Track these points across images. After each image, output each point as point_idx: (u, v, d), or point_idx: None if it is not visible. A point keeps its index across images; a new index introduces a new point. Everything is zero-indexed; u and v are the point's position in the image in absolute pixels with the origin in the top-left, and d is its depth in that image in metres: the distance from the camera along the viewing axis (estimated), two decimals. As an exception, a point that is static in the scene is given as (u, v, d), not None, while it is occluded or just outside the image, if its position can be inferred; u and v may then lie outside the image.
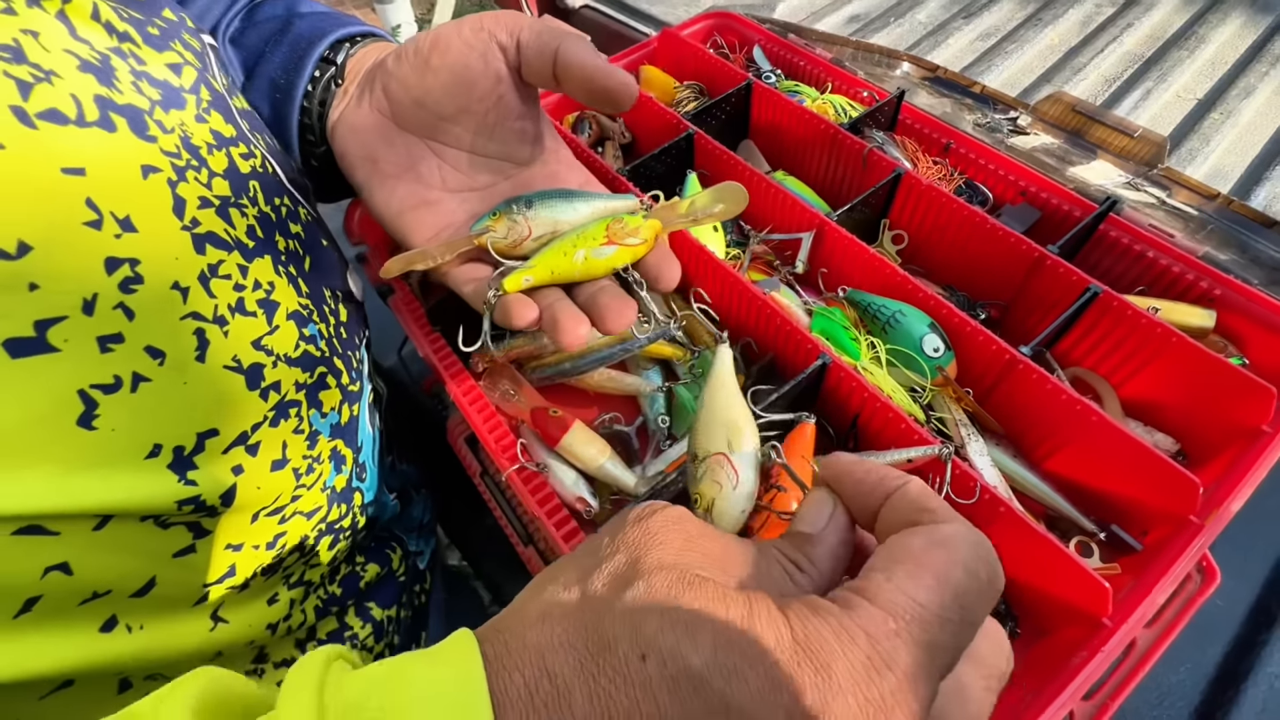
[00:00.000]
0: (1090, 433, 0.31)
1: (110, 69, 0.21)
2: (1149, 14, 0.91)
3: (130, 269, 0.20)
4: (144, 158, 0.21)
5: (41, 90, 0.18)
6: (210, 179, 0.23)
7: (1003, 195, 0.44)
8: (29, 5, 0.19)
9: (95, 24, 0.21)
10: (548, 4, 1.08)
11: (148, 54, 0.23)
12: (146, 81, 0.22)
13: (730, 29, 0.56)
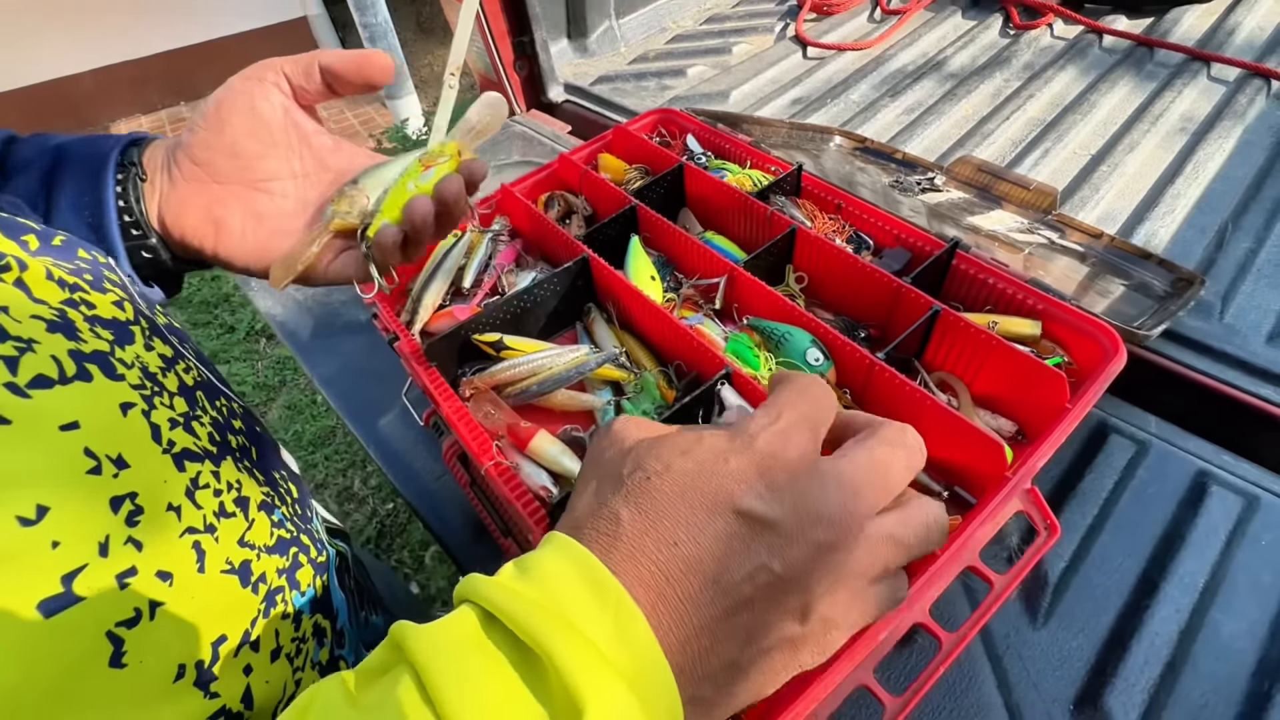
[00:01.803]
0: (931, 416, 0.41)
1: (70, 321, 0.23)
2: (1049, 85, 1.06)
3: (131, 503, 0.21)
4: (120, 397, 0.23)
5: (27, 360, 0.20)
6: (170, 399, 0.25)
7: (883, 241, 0.55)
8: None
9: (50, 283, 0.23)
10: (533, 98, 1.25)
11: (95, 298, 0.25)
12: (100, 325, 0.24)
13: (672, 122, 0.69)
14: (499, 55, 1.14)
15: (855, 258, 0.49)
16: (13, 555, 0.18)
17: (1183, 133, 0.94)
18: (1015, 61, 1.13)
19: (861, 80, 1.12)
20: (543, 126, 1.12)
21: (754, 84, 1.15)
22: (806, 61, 1.20)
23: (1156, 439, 0.62)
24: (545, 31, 1.17)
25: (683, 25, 1.38)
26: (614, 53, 1.31)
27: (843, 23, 1.28)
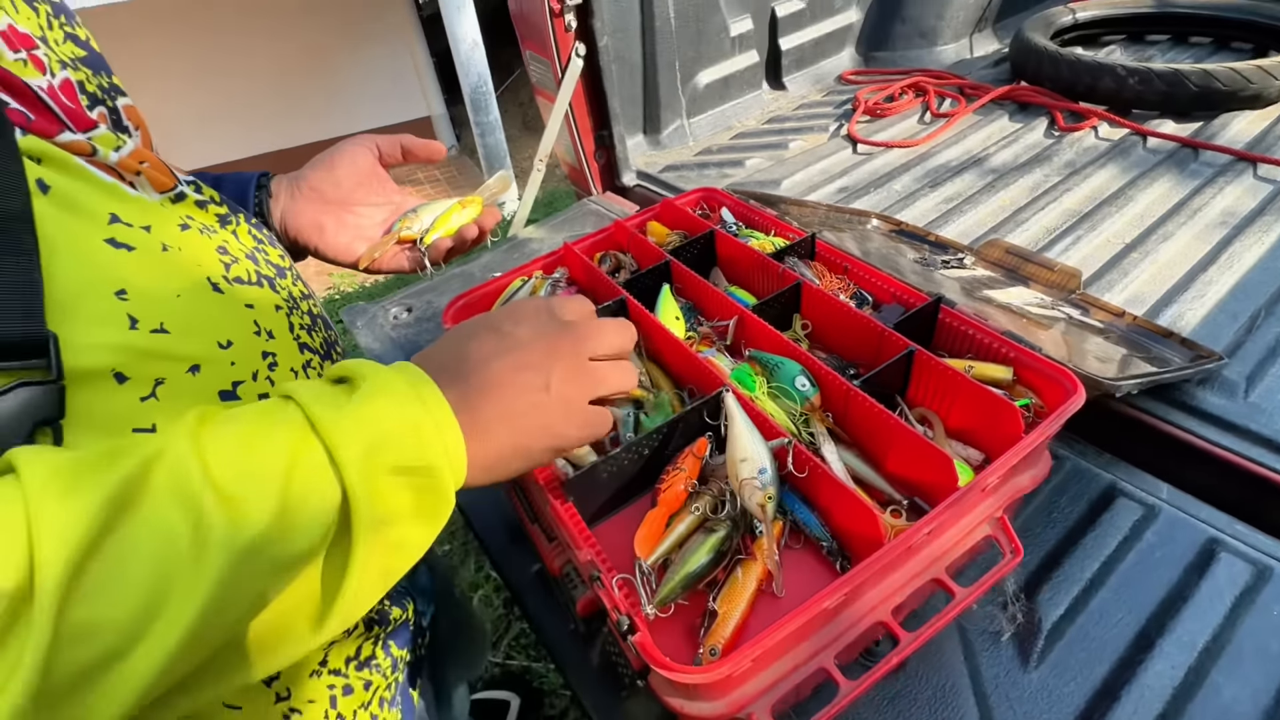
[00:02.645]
0: (900, 439, 0.47)
1: (255, 258, 0.39)
2: (1088, 181, 1.12)
3: (274, 359, 0.36)
4: (277, 300, 0.37)
5: (236, 267, 0.36)
6: (301, 315, 0.41)
7: (882, 298, 0.62)
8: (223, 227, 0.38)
9: (248, 236, 0.40)
10: (609, 182, 1.43)
11: (270, 251, 0.41)
12: (270, 265, 0.40)
13: (713, 198, 0.82)
14: (582, 146, 1.33)
15: (849, 308, 0.57)
16: None
17: (1222, 226, 0.96)
18: (1057, 159, 1.19)
19: (905, 173, 1.22)
20: (614, 206, 1.28)
21: (805, 174, 1.27)
22: (855, 156, 1.32)
23: (1167, 505, 0.63)
24: (623, 127, 1.36)
25: (746, 125, 1.55)
26: (683, 146, 1.48)
27: (893, 124, 1.40)
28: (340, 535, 0.28)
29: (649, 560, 0.43)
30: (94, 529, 0.22)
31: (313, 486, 0.27)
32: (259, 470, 0.26)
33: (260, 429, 0.27)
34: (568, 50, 1.23)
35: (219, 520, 0.24)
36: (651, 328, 0.59)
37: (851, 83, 1.65)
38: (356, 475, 0.27)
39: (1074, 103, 1.32)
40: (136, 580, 0.23)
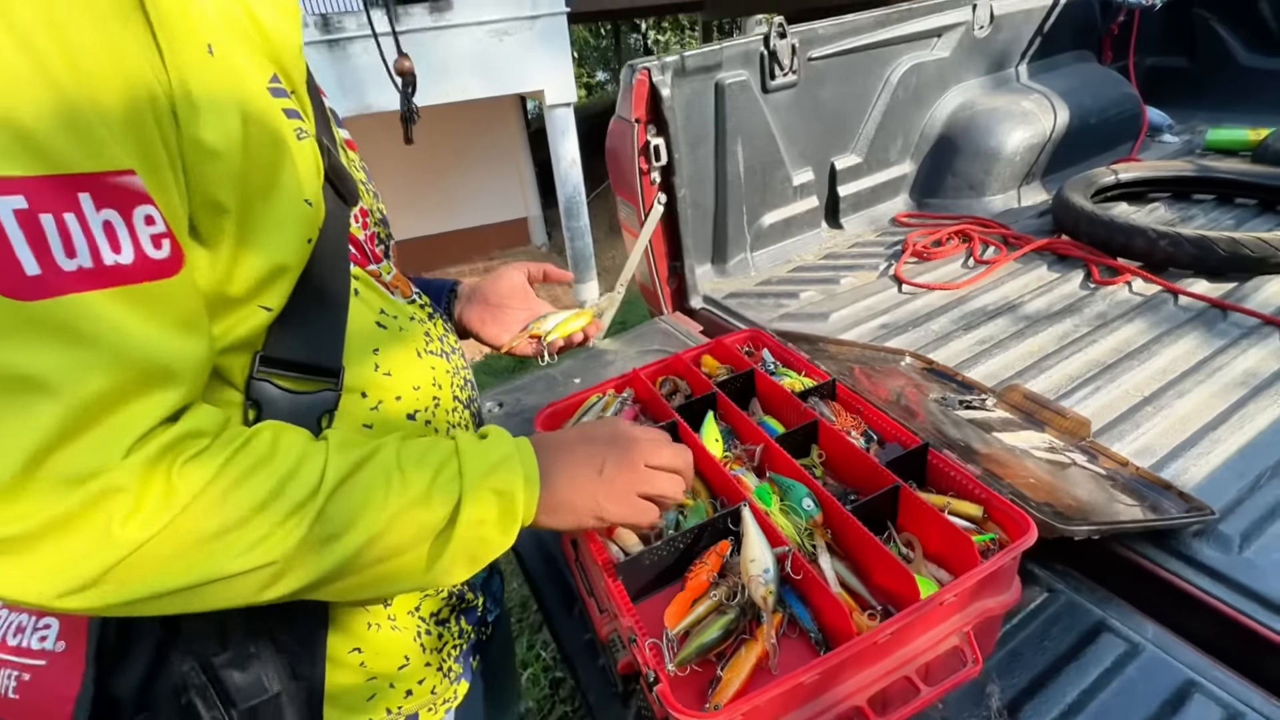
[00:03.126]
0: (881, 557, 0.60)
1: (443, 339, 0.62)
2: (1115, 333, 1.22)
3: (439, 401, 0.58)
4: (448, 367, 0.60)
5: (431, 344, 0.59)
6: (458, 378, 0.64)
7: (887, 437, 0.76)
8: None
9: (443, 325, 0.64)
10: (678, 304, 1.65)
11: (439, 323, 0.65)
12: (446, 343, 0.62)
13: (758, 339, 0.99)
14: (657, 273, 1.57)
15: (853, 445, 0.71)
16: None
17: (1241, 386, 1.04)
18: (1088, 310, 1.30)
19: (943, 314, 1.36)
20: (680, 326, 1.49)
21: (852, 309, 1.43)
22: (900, 295, 1.48)
23: (1151, 644, 0.71)
24: (694, 259, 1.59)
25: (804, 259, 1.75)
26: (745, 276, 1.69)
27: (937, 267, 1.56)
28: (449, 526, 0.45)
29: (674, 630, 0.57)
30: (345, 474, 0.42)
31: (447, 485, 0.45)
32: (424, 465, 0.45)
33: (432, 450, 0.47)
34: (651, 199, 1.49)
35: (397, 487, 0.44)
36: (695, 446, 0.75)
37: (904, 225, 1.83)
38: (469, 485, 0.46)
39: (1111, 258, 1.44)
40: (357, 503, 0.42)
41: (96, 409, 0.34)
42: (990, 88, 1.95)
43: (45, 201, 0.32)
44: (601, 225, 7.25)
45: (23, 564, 0.33)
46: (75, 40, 0.33)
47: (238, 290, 0.42)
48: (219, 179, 0.39)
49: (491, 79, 4.37)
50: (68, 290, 0.33)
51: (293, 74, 0.47)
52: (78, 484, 0.33)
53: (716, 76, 1.49)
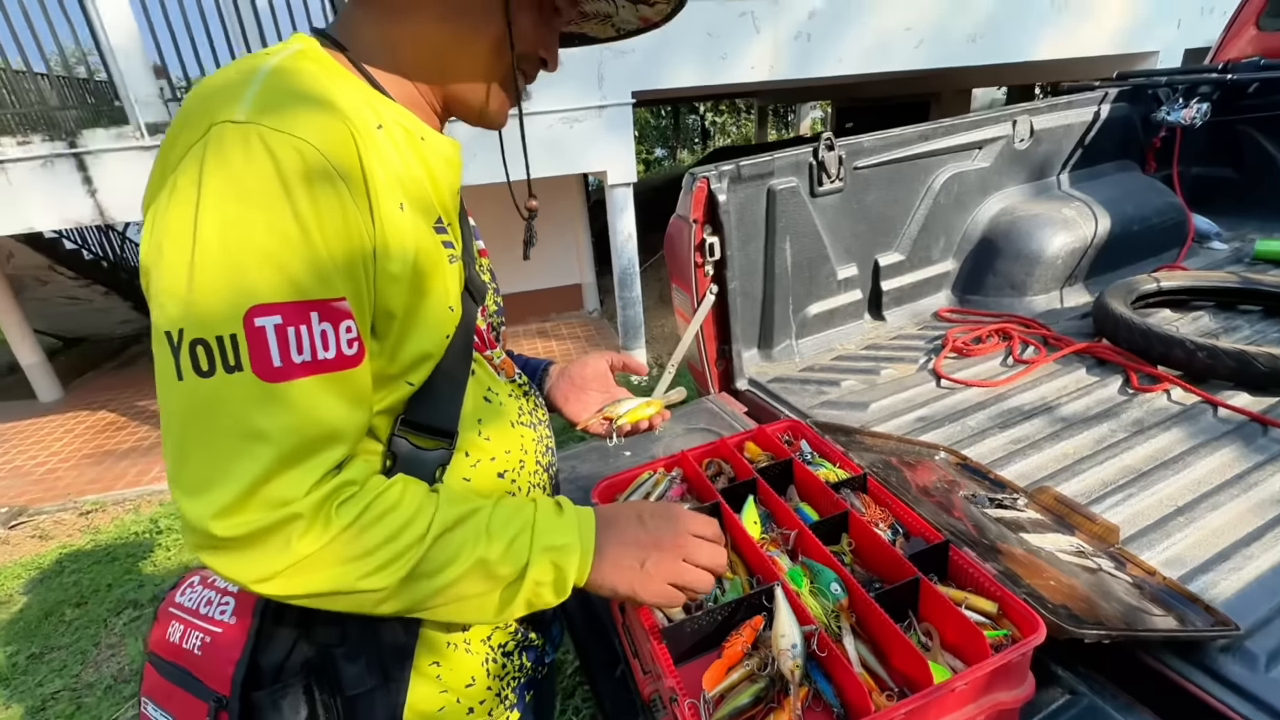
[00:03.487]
0: (900, 643, 0.66)
1: (534, 413, 0.75)
2: (1152, 441, 1.25)
3: (524, 465, 0.71)
4: (535, 437, 0.73)
5: (523, 416, 0.73)
6: (542, 445, 0.76)
7: (913, 531, 0.83)
8: None
9: (535, 401, 0.78)
10: (725, 384, 1.75)
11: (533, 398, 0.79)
12: (536, 416, 0.76)
13: (797, 429, 1.08)
14: (706, 355, 1.69)
15: (880, 537, 0.79)
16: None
17: (1277, 504, 1.05)
18: (1125, 416, 1.34)
19: (980, 411, 1.42)
20: (726, 406, 1.59)
21: (891, 400, 1.51)
22: (938, 390, 1.54)
23: (1169, 756, 0.73)
24: (741, 344, 1.70)
25: (847, 348, 1.84)
26: (790, 361, 1.79)
27: (977, 364, 1.63)
28: (516, 581, 0.57)
29: (711, 693, 0.65)
30: (446, 528, 0.54)
31: (519, 551, 0.57)
32: (505, 533, 0.57)
33: (516, 518, 0.58)
34: (704, 289, 1.63)
35: (482, 546, 0.55)
36: (735, 527, 0.84)
37: (945, 320, 1.91)
38: (535, 554, 0.57)
39: (1151, 366, 1.48)
40: (451, 553, 0.54)
41: (296, 456, 0.48)
42: (1031, 195, 2.05)
43: (291, 317, 0.48)
44: (652, 294, 7.49)
45: (237, 557, 0.48)
46: (326, 214, 0.49)
47: (394, 371, 0.57)
48: (395, 296, 0.54)
49: (560, 160, 4.73)
50: (294, 376, 0.48)
51: (451, 212, 0.63)
52: (278, 507, 0.47)
53: (769, 183, 1.65)
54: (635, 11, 0.69)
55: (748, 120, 24.09)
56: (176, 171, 0.48)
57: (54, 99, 5.80)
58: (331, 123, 0.49)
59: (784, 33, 5.02)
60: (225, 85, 0.50)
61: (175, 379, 0.47)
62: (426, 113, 0.63)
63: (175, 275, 0.46)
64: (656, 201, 8.65)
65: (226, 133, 0.47)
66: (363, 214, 0.51)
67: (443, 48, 0.60)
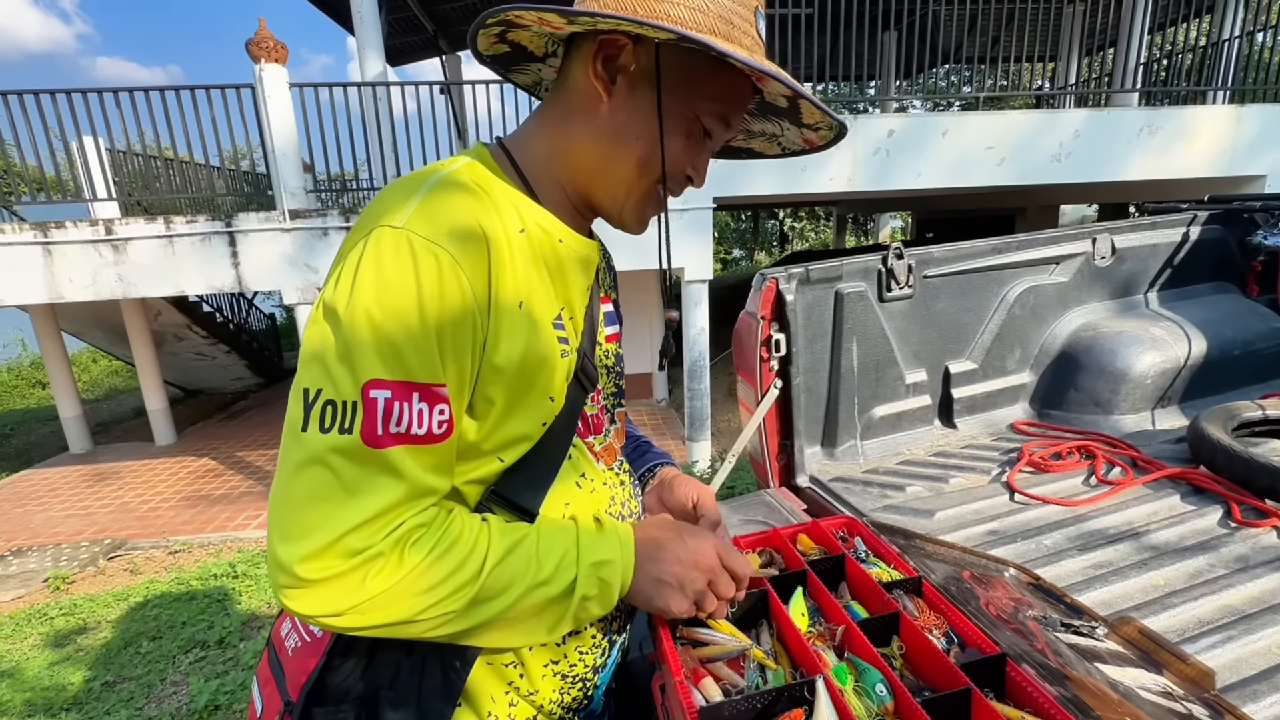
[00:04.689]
0: (946, 753, 0.64)
1: (626, 504, 0.78)
2: (1258, 581, 1.14)
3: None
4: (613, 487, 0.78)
5: (614, 507, 0.76)
6: (627, 499, 0.80)
7: (968, 641, 0.80)
8: None
9: (631, 491, 0.81)
10: (785, 479, 1.75)
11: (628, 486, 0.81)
12: (629, 507, 0.79)
13: (853, 527, 1.08)
14: (767, 448, 1.70)
15: (930, 642, 0.77)
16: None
17: None
18: (1226, 551, 1.23)
19: (1057, 530, 1.35)
20: (784, 501, 1.58)
21: (958, 510, 1.45)
22: (1011, 504, 1.48)
23: None
24: (804, 440, 1.71)
25: (914, 453, 1.80)
26: (853, 462, 1.77)
27: (1055, 480, 1.55)
28: (565, 595, 0.62)
29: (743, 781, 0.64)
30: (500, 557, 0.59)
31: (566, 569, 0.62)
32: (553, 553, 0.62)
33: (561, 537, 0.63)
34: (769, 382, 1.67)
35: (534, 567, 0.60)
36: (782, 618, 0.84)
37: (1022, 433, 1.85)
38: (583, 571, 0.63)
39: (1256, 498, 1.36)
40: (506, 580, 0.59)
41: (380, 510, 0.54)
42: (1116, 311, 2.00)
43: (398, 394, 0.55)
44: (720, 388, 7.53)
45: (309, 597, 0.54)
46: (447, 311, 0.56)
47: (487, 448, 0.63)
48: (497, 385, 0.61)
49: (642, 256, 5.03)
50: (390, 445, 0.55)
51: (575, 306, 0.70)
52: (356, 554, 0.53)
53: (837, 286, 1.72)
54: (800, 134, 0.76)
55: (826, 227, 24.64)
56: (344, 261, 0.57)
57: (220, 187, 6.84)
58: (471, 235, 0.58)
59: (862, 149, 5.26)
60: (397, 194, 0.59)
61: (300, 429, 0.54)
62: (572, 214, 0.70)
63: (325, 344, 0.55)
64: (731, 298, 8.85)
65: (384, 236, 0.56)
66: (481, 311, 0.58)
67: (595, 162, 0.67)
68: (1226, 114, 5.52)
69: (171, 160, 6.53)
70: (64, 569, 4.24)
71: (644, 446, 0.97)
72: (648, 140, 0.65)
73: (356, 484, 0.54)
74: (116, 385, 10.99)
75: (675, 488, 0.90)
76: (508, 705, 0.69)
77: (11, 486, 6.11)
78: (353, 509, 0.53)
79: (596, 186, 0.69)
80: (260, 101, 4.80)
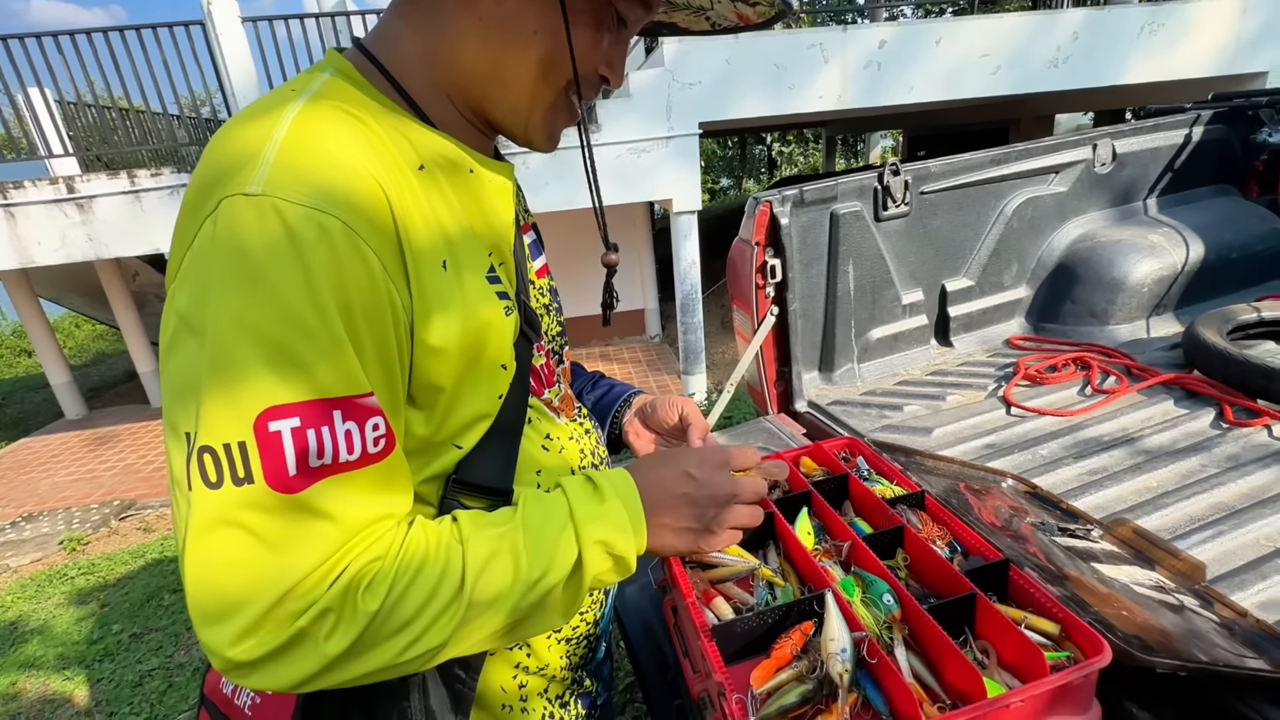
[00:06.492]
0: (953, 657, 0.66)
1: (595, 453, 0.71)
2: (1248, 478, 1.17)
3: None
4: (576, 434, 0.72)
5: (584, 459, 0.69)
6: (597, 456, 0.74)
7: (970, 550, 0.82)
8: None
9: (598, 437, 0.75)
10: (784, 406, 1.76)
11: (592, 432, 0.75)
12: (597, 455, 0.72)
13: (854, 447, 1.08)
14: (765, 376, 1.70)
15: (935, 552, 0.78)
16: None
17: (1396, 551, 0.96)
18: (1218, 451, 1.26)
19: (1053, 440, 1.37)
20: (784, 427, 1.59)
21: (955, 426, 1.47)
22: (1008, 417, 1.49)
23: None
24: (801, 365, 1.71)
25: (911, 373, 1.81)
26: (851, 385, 1.78)
27: (1051, 392, 1.56)
28: (572, 578, 0.52)
29: (759, 690, 0.66)
30: (482, 565, 0.48)
31: (567, 555, 0.51)
32: (545, 542, 0.51)
33: (550, 519, 0.52)
34: (765, 310, 1.65)
35: (525, 564, 0.50)
36: (789, 537, 0.86)
37: (1018, 348, 1.85)
38: (588, 551, 0.52)
39: (1249, 399, 1.38)
40: (496, 589, 0.48)
41: (316, 563, 0.43)
42: (1114, 220, 1.97)
43: (311, 419, 0.42)
44: (713, 321, 7.51)
45: (267, 673, 0.43)
46: (353, 296, 0.43)
47: (440, 438, 0.53)
48: (438, 369, 0.50)
49: (628, 188, 4.88)
50: (312, 483, 0.42)
51: (504, 248, 0.57)
52: (296, 618, 0.42)
53: (832, 207, 1.67)
54: (733, 8, 0.63)
55: (815, 150, 23.98)
56: (188, 253, 0.43)
57: (183, 136, 6.52)
58: (358, 183, 0.44)
59: (853, 63, 5.04)
60: (241, 144, 0.44)
61: (187, 488, 0.42)
62: (471, 133, 0.57)
63: (185, 371, 0.42)
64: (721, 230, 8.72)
65: (239, 210, 0.41)
66: (398, 285, 0.46)
67: (485, 68, 0.52)
68: (1231, 6, 5.29)
69: (128, 111, 6.20)
70: (77, 531, 4.32)
71: (606, 384, 0.89)
72: (549, 34, 0.51)
73: (280, 539, 0.42)
74: (104, 349, 10.88)
75: (657, 408, 0.82)
76: (518, 687, 0.66)
77: (13, 455, 6.13)
78: (281, 569, 0.42)
79: (492, 98, 0.54)
80: (212, 39, 4.50)
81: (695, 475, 0.60)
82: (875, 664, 0.67)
